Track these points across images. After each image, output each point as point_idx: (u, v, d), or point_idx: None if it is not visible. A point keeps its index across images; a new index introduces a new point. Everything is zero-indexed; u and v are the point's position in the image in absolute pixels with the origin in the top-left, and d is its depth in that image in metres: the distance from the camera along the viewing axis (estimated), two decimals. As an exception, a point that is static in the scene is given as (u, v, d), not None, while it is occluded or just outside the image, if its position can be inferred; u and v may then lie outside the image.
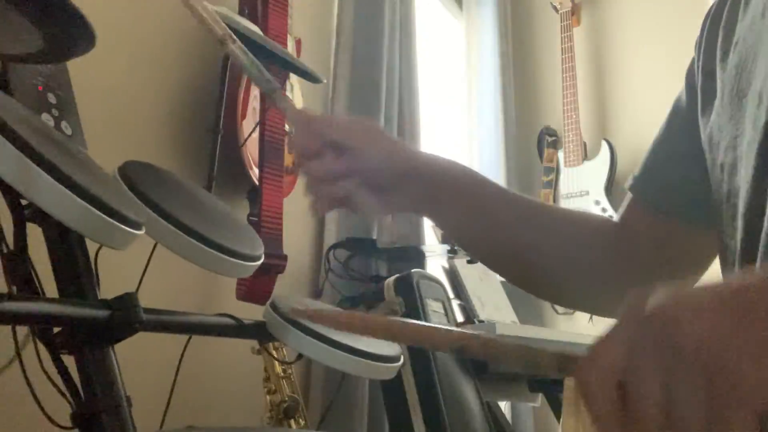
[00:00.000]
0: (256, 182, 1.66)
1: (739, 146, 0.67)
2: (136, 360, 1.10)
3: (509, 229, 0.85)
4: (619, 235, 0.86)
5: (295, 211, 1.97)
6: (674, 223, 0.81)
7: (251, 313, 1.18)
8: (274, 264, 1.60)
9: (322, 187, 0.77)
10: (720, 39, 0.75)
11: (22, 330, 0.91)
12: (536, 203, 0.91)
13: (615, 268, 0.85)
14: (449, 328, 0.51)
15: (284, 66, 1.52)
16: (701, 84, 0.77)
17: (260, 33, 1.45)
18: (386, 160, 0.79)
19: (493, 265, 0.91)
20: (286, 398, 1.51)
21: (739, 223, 0.66)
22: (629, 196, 0.87)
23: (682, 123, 0.82)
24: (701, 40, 0.79)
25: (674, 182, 0.81)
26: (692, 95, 0.81)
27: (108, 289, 0.92)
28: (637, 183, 0.85)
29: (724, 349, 0.38)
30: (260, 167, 1.63)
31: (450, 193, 0.83)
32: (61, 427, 0.89)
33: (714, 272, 0.82)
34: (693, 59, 0.82)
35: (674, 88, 0.91)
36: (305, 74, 1.51)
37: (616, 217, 0.89)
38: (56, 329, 0.87)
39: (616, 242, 0.85)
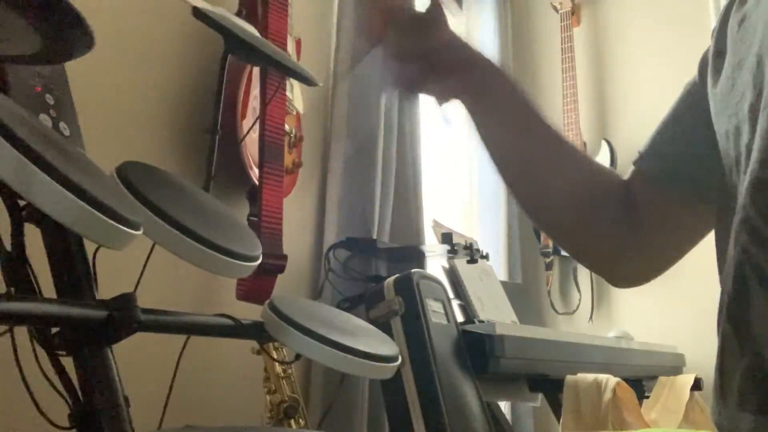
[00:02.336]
0: (256, 182, 1.66)
1: (740, 111, 0.70)
2: (135, 360, 1.10)
3: (535, 154, 0.92)
4: (624, 196, 0.91)
5: (295, 211, 1.98)
6: (673, 197, 0.86)
7: (251, 313, 1.18)
8: (274, 264, 1.60)
9: (392, 66, 0.87)
10: (731, 17, 0.78)
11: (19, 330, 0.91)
12: (567, 143, 0.96)
13: (617, 226, 0.90)
14: None
15: (280, 69, 1.52)
16: (712, 63, 0.80)
17: (257, 34, 1.45)
18: (448, 44, 0.88)
19: (508, 174, 0.95)
20: (286, 398, 1.52)
21: (746, 181, 0.68)
22: (632, 167, 0.92)
23: (692, 106, 0.85)
24: (717, 28, 0.82)
25: (679, 161, 0.85)
26: (703, 79, 0.84)
27: (106, 290, 0.93)
28: (643, 159, 0.90)
29: None
30: (260, 167, 1.63)
31: (493, 98, 0.91)
32: (59, 428, 0.89)
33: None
34: (709, 46, 0.84)
35: (674, 87, 0.93)
36: (301, 77, 1.51)
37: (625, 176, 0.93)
38: (54, 330, 0.87)
39: (622, 202, 0.90)
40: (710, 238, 0.86)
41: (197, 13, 1.29)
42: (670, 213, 0.87)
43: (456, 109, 0.92)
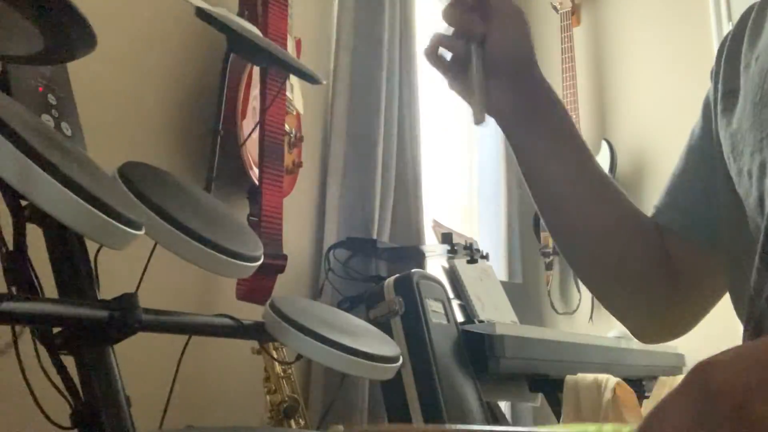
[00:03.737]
0: (256, 182, 1.67)
1: (765, 148, 0.68)
2: (136, 360, 1.10)
3: (575, 192, 0.85)
4: (659, 240, 0.87)
5: (295, 211, 1.98)
6: (695, 248, 0.83)
7: (251, 313, 1.18)
8: (274, 264, 1.60)
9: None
10: (742, 55, 0.76)
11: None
12: (610, 181, 0.90)
13: (646, 276, 0.86)
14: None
15: (284, 68, 1.52)
16: (722, 103, 0.78)
17: (259, 34, 1.45)
18: (514, 45, 0.82)
19: (542, 205, 0.88)
20: (286, 398, 1.51)
21: (764, 225, 0.67)
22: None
23: (698, 154, 0.83)
24: (718, 69, 0.80)
25: (699, 214, 0.82)
26: (708, 123, 0.81)
27: (108, 290, 0.93)
28: (661, 213, 0.86)
29: None
30: (260, 167, 1.63)
31: (541, 120, 0.84)
32: (61, 427, 0.89)
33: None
34: (709, 91, 0.82)
35: (674, 87, 0.93)
36: (305, 75, 1.51)
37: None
38: (56, 329, 0.87)
39: (657, 246, 0.86)
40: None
41: (201, 13, 1.30)
42: (696, 262, 0.83)
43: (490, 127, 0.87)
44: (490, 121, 0.84)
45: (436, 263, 2.28)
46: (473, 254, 2.16)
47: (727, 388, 0.38)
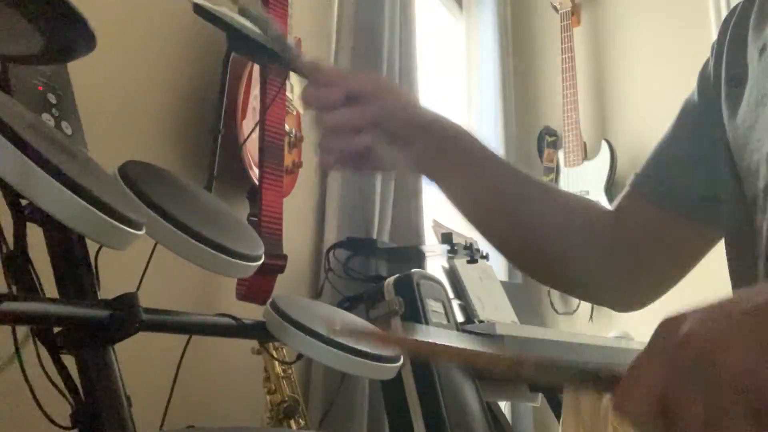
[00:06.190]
0: (256, 182, 1.66)
1: (761, 149, 0.68)
2: (137, 360, 1.10)
3: (511, 204, 0.85)
4: (614, 223, 0.87)
5: (295, 211, 1.97)
6: (673, 219, 0.83)
7: (251, 313, 1.18)
8: (274, 264, 1.59)
9: (337, 140, 0.76)
10: (749, 44, 0.75)
11: (21, 330, 0.91)
12: (540, 182, 0.91)
13: (609, 256, 0.86)
14: (500, 353, 0.52)
15: (284, 64, 1.51)
16: (726, 90, 0.77)
17: (258, 30, 1.45)
18: (401, 110, 0.80)
19: (491, 237, 0.89)
20: (286, 398, 1.51)
21: (765, 226, 0.67)
22: (628, 188, 0.88)
23: (692, 125, 0.83)
24: (723, 43, 0.79)
25: (678, 183, 0.82)
26: (705, 98, 0.81)
27: (108, 289, 0.93)
28: (640, 180, 0.87)
29: (762, 376, 0.38)
30: (260, 167, 1.63)
31: (456, 157, 0.83)
32: (61, 427, 0.89)
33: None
34: (707, 61, 0.82)
35: (674, 87, 0.92)
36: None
37: (611, 206, 0.90)
38: (56, 329, 0.87)
39: (611, 230, 0.86)
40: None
41: (198, 9, 1.29)
42: (668, 235, 0.83)
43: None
44: (490, 122, 0.85)
45: (436, 263, 2.28)
46: (473, 254, 2.16)
47: (692, 338, 0.41)
